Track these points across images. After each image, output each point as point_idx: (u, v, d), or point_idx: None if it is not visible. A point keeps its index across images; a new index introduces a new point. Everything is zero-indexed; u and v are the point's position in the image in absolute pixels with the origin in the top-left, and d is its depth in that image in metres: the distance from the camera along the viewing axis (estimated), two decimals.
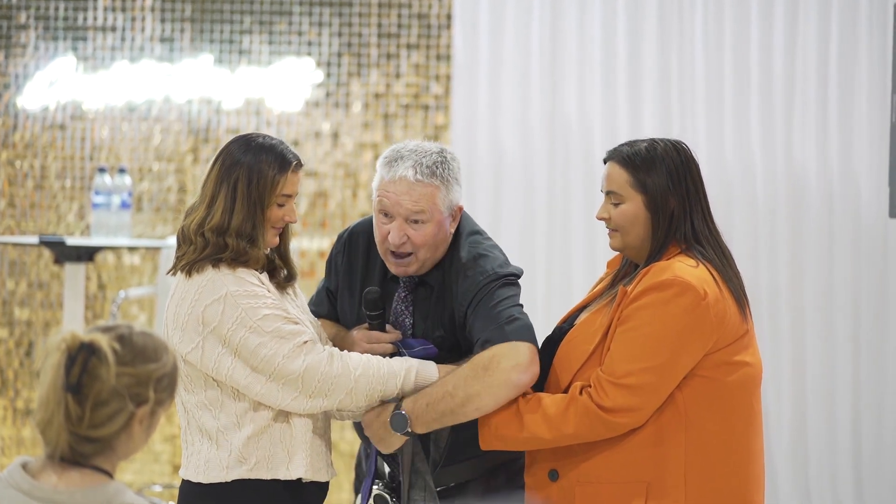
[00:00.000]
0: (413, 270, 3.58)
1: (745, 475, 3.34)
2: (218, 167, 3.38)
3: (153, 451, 7.17)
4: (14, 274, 7.31)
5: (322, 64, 7.19)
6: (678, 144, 3.43)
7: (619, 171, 3.41)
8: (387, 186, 3.53)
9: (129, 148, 7.26)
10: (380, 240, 3.58)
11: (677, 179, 3.37)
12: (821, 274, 6.88)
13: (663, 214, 3.36)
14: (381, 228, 3.56)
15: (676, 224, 3.37)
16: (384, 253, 3.59)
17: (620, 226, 3.40)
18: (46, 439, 2.38)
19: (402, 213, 3.52)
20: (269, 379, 3.31)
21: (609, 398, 3.24)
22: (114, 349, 2.37)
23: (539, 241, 6.97)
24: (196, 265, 3.34)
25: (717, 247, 3.39)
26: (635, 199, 3.39)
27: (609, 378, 3.26)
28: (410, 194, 3.52)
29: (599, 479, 3.31)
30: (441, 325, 3.59)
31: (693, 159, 3.42)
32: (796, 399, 6.88)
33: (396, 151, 3.57)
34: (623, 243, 3.43)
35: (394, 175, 3.53)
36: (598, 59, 6.95)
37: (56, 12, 7.26)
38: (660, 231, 3.37)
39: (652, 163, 3.38)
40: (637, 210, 3.38)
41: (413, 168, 3.52)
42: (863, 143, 6.85)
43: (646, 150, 3.39)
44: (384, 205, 3.54)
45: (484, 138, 6.99)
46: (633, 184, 3.38)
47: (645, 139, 3.44)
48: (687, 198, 3.38)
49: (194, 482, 3.38)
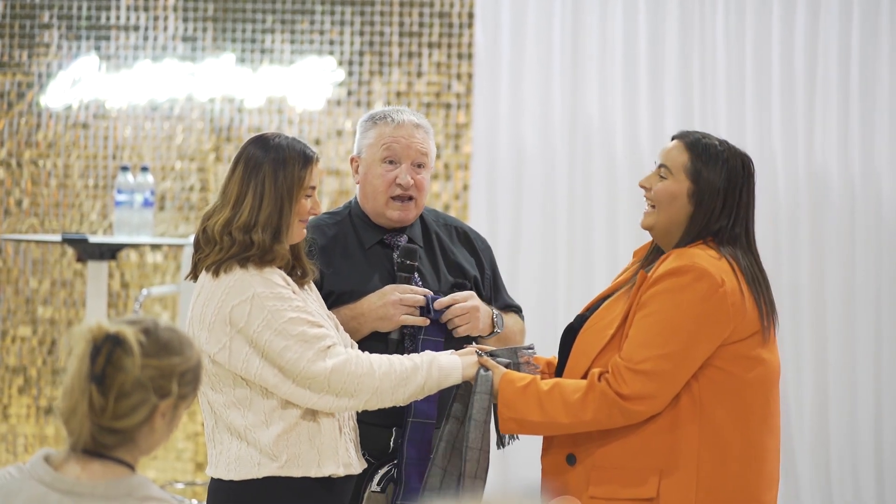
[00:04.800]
0: (412, 217, 3.74)
1: (757, 471, 3.34)
2: (241, 168, 3.41)
3: (176, 448, 7.19)
4: (37, 272, 7.34)
5: (344, 62, 7.21)
6: (746, 157, 3.43)
7: (680, 151, 3.40)
8: (393, 133, 3.70)
9: (152, 147, 7.28)
10: (384, 188, 3.70)
11: (732, 186, 3.37)
12: (842, 272, 6.86)
13: (704, 210, 3.36)
14: (387, 176, 3.70)
15: (713, 223, 3.36)
16: (385, 202, 3.71)
17: (658, 200, 3.39)
18: (69, 429, 2.39)
19: (411, 155, 3.70)
20: (296, 381, 3.33)
21: (627, 385, 3.25)
22: (139, 341, 2.38)
23: (560, 239, 6.97)
24: (224, 265, 3.36)
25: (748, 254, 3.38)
26: (683, 183, 3.37)
27: (627, 364, 3.26)
28: (416, 137, 3.71)
29: (613, 464, 3.32)
30: (438, 280, 3.74)
31: (754, 175, 3.42)
32: (818, 397, 6.86)
33: (382, 111, 3.76)
34: (654, 221, 3.41)
35: (399, 122, 3.71)
36: (619, 58, 6.94)
37: (79, 11, 7.29)
38: (694, 225, 3.36)
39: (716, 159, 3.37)
40: (679, 192, 3.37)
41: (412, 115, 3.73)
42: (884, 141, 6.83)
43: (716, 145, 3.39)
44: (393, 150, 3.70)
45: (505, 136, 6.99)
46: (688, 168, 3.37)
47: (721, 139, 3.44)
48: (736, 207, 3.37)
49: (225, 480, 3.39)
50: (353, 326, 3.63)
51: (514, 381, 3.36)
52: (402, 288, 3.65)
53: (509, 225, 7.01)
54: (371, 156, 3.72)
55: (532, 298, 6.87)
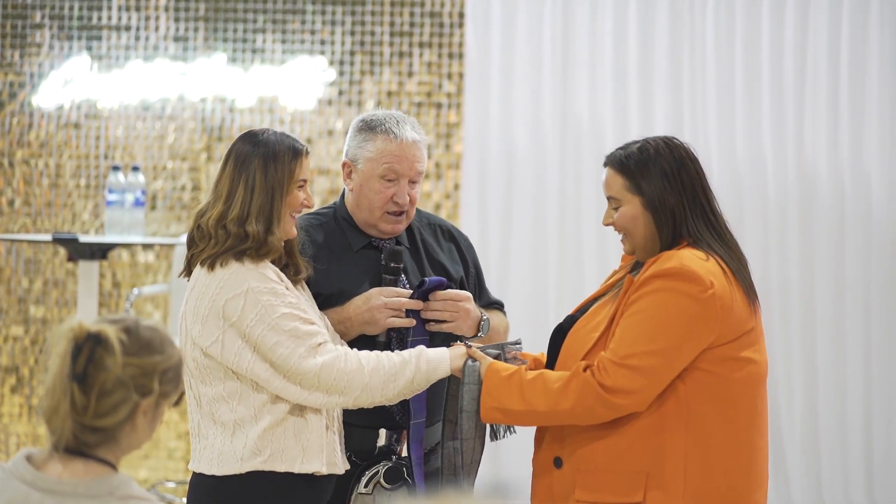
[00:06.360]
0: (402, 229, 3.74)
1: (745, 472, 3.34)
2: (232, 164, 3.45)
3: (168, 447, 7.20)
4: (29, 272, 7.35)
5: (335, 62, 7.22)
6: (670, 141, 3.42)
7: (614, 176, 3.43)
8: (396, 152, 3.65)
9: (144, 146, 7.29)
10: (381, 203, 3.67)
11: (672, 177, 3.38)
12: (832, 271, 6.87)
13: (664, 213, 3.37)
14: (384, 193, 3.66)
15: (680, 220, 3.38)
16: (380, 216, 3.68)
17: (624, 228, 3.43)
18: (51, 428, 2.40)
19: (411, 174, 3.67)
20: (287, 376, 3.35)
21: (611, 377, 3.25)
22: (120, 340, 2.39)
23: (551, 239, 6.98)
24: (220, 258, 3.39)
25: (722, 240, 3.39)
26: (633, 202, 3.40)
27: (612, 358, 3.27)
28: (417, 156, 3.67)
29: (599, 467, 3.32)
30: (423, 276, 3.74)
31: (688, 155, 3.41)
32: (808, 396, 6.87)
33: (380, 119, 3.69)
34: (631, 246, 3.45)
35: (402, 140, 3.66)
36: (609, 57, 6.96)
37: (71, 12, 7.30)
38: (665, 229, 3.38)
39: (645, 164, 3.39)
40: (636, 212, 3.40)
41: (413, 130, 3.68)
42: (873, 140, 6.85)
43: (638, 151, 3.40)
44: (396, 171, 3.65)
45: (496, 136, 7.00)
46: (629, 187, 3.40)
47: (638, 140, 3.45)
48: (684, 193, 3.38)
49: (207, 475, 3.41)
50: (339, 331, 3.63)
51: (500, 370, 3.38)
52: (387, 291, 3.64)
53: (500, 224, 7.02)
54: (370, 170, 3.68)
55: (522, 297, 6.89)
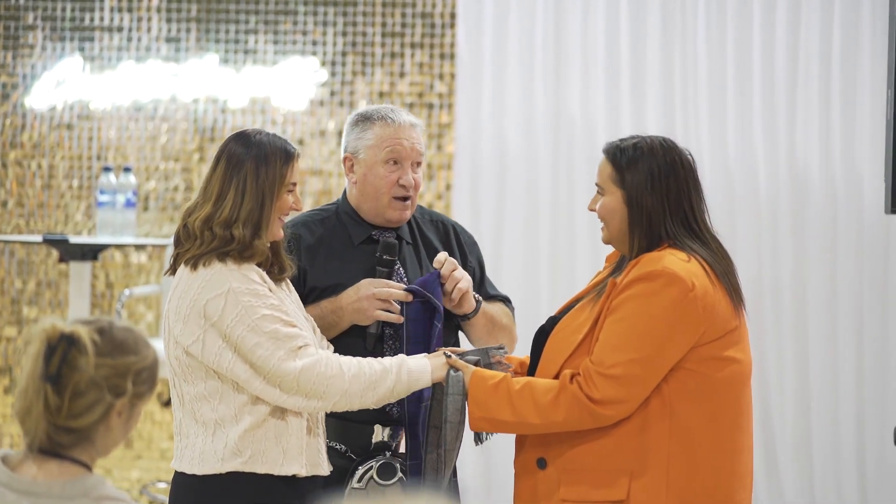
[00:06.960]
0: (409, 216, 3.80)
1: (729, 471, 3.35)
2: (223, 165, 3.44)
3: (160, 448, 7.21)
4: (23, 273, 7.36)
5: (327, 63, 7.22)
6: (665, 143, 3.42)
7: (605, 165, 3.45)
8: (396, 134, 3.74)
9: (136, 147, 7.30)
10: (387, 188, 3.74)
11: (657, 178, 3.38)
12: (823, 271, 6.87)
13: (640, 212, 3.38)
14: (390, 177, 3.74)
15: (657, 222, 3.38)
16: (388, 202, 3.75)
17: (603, 217, 3.45)
18: (25, 429, 2.40)
19: (413, 156, 3.76)
20: (266, 378, 3.35)
21: (598, 389, 3.26)
22: (93, 340, 2.39)
23: (543, 238, 6.98)
24: (203, 259, 3.39)
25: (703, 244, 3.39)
26: (615, 194, 3.41)
27: (597, 369, 3.28)
28: (417, 138, 3.77)
29: (583, 466, 3.33)
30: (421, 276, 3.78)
31: (681, 160, 3.40)
32: (800, 397, 6.87)
33: (376, 110, 3.78)
34: (607, 236, 3.47)
35: (400, 123, 3.75)
36: (601, 58, 6.96)
37: (63, 13, 7.30)
38: (637, 228, 3.38)
39: (635, 160, 3.39)
40: (615, 204, 3.41)
41: (408, 115, 3.79)
42: (865, 140, 6.84)
43: (633, 146, 3.41)
44: (397, 152, 3.73)
45: (488, 136, 7.01)
46: (615, 179, 3.41)
47: (638, 136, 3.46)
48: (667, 198, 3.37)
49: (188, 474, 3.42)
50: (333, 320, 3.67)
51: (486, 378, 3.37)
52: (377, 282, 3.67)
53: (492, 224, 7.03)
54: (373, 157, 3.74)
55: (515, 297, 6.85)
